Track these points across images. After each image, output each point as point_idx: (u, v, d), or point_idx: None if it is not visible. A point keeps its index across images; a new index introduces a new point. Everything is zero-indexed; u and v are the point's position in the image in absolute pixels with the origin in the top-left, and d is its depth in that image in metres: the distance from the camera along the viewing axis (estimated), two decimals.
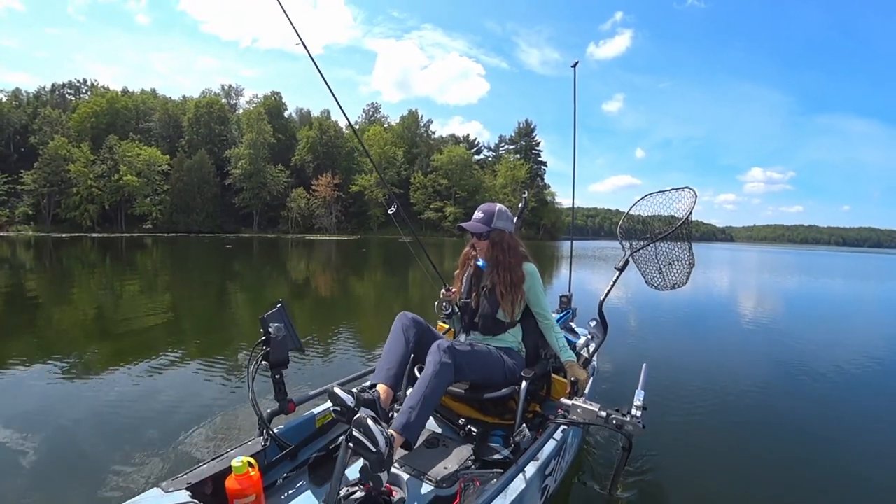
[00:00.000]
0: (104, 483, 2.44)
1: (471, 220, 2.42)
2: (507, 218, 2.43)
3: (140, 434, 3.02)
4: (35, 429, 3.07)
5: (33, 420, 3.20)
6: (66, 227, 48.00)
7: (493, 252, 2.39)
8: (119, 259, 19.17)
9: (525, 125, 74.78)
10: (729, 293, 13.78)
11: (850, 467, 3.09)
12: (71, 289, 10.40)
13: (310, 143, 62.46)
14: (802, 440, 3.50)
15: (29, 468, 2.61)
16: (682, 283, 2.80)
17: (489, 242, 2.38)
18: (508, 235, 2.42)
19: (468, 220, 2.40)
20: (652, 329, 7.39)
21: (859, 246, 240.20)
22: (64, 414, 3.33)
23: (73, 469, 2.59)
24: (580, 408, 2.02)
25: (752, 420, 3.79)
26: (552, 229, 67.98)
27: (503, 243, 2.38)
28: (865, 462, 3.17)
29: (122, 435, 2.99)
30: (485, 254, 2.44)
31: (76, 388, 3.90)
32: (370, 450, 1.55)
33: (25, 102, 56.36)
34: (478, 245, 2.44)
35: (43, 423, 3.17)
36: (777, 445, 3.34)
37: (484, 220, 2.38)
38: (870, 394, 4.73)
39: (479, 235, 2.39)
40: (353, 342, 5.77)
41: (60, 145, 48.47)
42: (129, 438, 2.94)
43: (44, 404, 3.51)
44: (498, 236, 2.38)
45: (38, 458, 2.70)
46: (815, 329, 8.71)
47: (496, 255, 2.38)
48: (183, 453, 2.78)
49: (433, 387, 1.86)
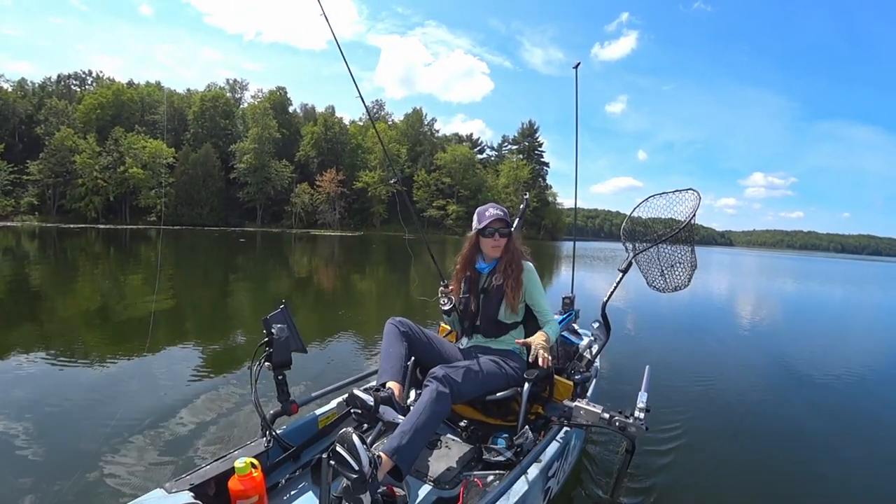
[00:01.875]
0: (106, 483, 2.44)
1: (489, 219, 2.40)
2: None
3: (142, 434, 3.01)
4: (34, 427, 3.07)
5: (33, 419, 3.20)
6: (71, 217, 48.18)
7: (509, 249, 2.44)
8: (132, 251, 19.24)
9: (528, 126, 74.94)
10: (731, 297, 13.78)
11: (851, 470, 3.10)
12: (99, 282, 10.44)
13: (314, 138, 62.56)
14: (805, 443, 3.50)
15: (28, 468, 2.60)
16: (684, 286, 2.79)
17: (510, 239, 2.44)
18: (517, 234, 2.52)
19: (470, 219, 2.44)
20: (655, 331, 7.38)
21: (858, 253, 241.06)
22: (63, 412, 3.33)
23: (73, 469, 2.58)
24: (583, 409, 2.02)
25: (753, 422, 3.79)
26: (553, 230, 68.31)
27: (516, 241, 2.47)
28: (866, 466, 3.17)
29: (122, 435, 2.98)
30: (499, 251, 2.44)
31: (76, 385, 3.90)
32: (353, 469, 1.47)
33: (31, 93, 56.42)
34: (496, 243, 2.42)
35: (42, 421, 3.17)
36: (779, 448, 3.35)
37: (504, 217, 2.44)
38: (869, 397, 4.74)
39: (505, 232, 2.43)
40: (354, 342, 5.77)
41: (66, 136, 48.62)
42: (131, 438, 2.94)
43: (41, 400, 3.51)
44: (513, 234, 2.46)
45: (37, 458, 2.70)
46: (816, 333, 8.72)
47: (512, 251, 2.43)
48: (186, 454, 2.78)
49: (429, 415, 1.79)
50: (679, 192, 2.76)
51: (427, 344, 2.33)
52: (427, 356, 2.32)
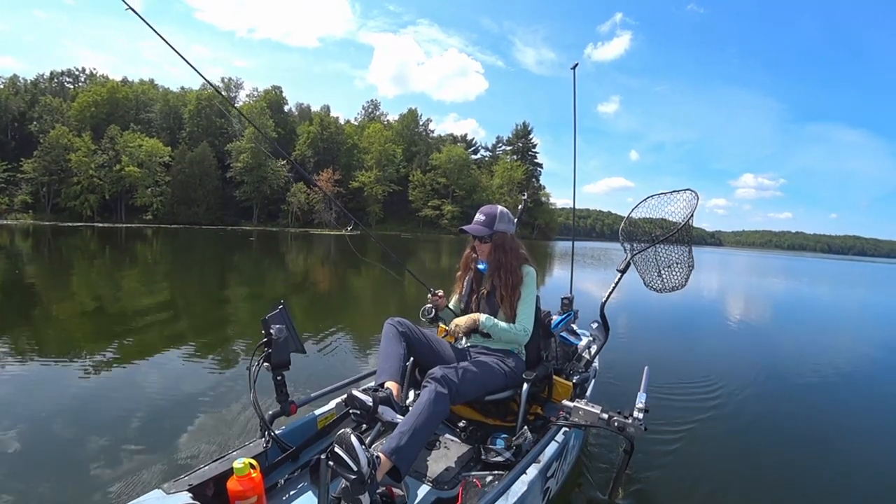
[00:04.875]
0: (104, 485, 2.42)
1: (472, 223, 2.40)
2: (508, 220, 2.43)
3: (141, 434, 2.99)
4: (32, 428, 3.04)
5: (31, 420, 3.17)
6: (66, 216, 47.90)
7: (495, 255, 2.38)
8: (134, 251, 19.11)
9: (522, 127, 75.34)
10: (728, 297, 13.84)
11: (849, 469, 3.11)
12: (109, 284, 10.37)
13: (310, 138, 62.49)
14: (803, 443, 3.51)
15: (28, 468, 2.58)
16: (681, 286, 2.79)
17: (491, 245, 2.38)
18: (510, 238, 2.41)
19: (466, 219, 2.41)
20: (654, 332, 7.38)
21: (844, 253, 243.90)
22: (61, 414, 3.29)
23: (72, 470, 2.56)
24: (582, 410, 2.02)
25: (752, 422, 3.80)
26: (546, 229, 68.54)
27: (505, 246, 2.38)
28: (865, 465, 3.19)
29: (121, 435, 2.96)
30: (486, 256, 2.43)
31: (74, 385, 3.85)
32: (351, 469, 1.48)
33: (23, 89, 55.90)
34: (479, 248, 2.43)
35: (41, 421, 3.14)
36: (777, 448, 3.35)
37: (486, 223, 2.37)
38: (869, 396, 4.78)
39: (481, 238, 2.38)
40: (355, 341, 5.76)
41: (61, 134, 48.31)
42: (130, 439, 2.92)
43: (40, 402, 3.47)
44: (500, 239, 2.38)
45: (34, 460, 2.67)
46: (815, 333, 8.75)
47: (498, 257, 2.37)
48: (185, 454, 2.76)
49: (428, 415, 1.78)
50: (677, 192, 2.76)
51: (426, 344, 2.33)
52: (426, 357, 2.32)
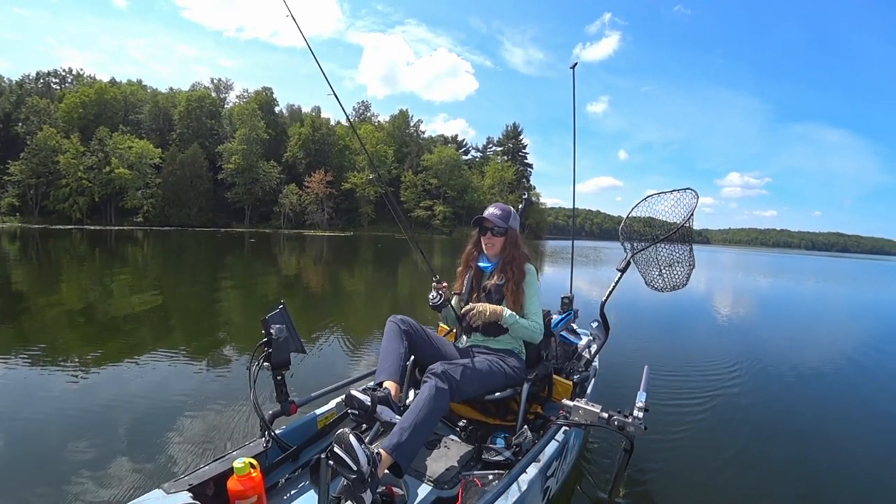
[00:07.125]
0: (104, 485, 2.40)
1: (487, 216, 2.47)
2: (517, 219, 2.53)
3: (141, 435, 2.97)
4: (31, 429, 3.02)
5: (29, 421, 3.14)
6: (54, 219, 47.23)
7: (508, 250, 2.44)
8: (119, 252, 18.91)
9: (513, 128, 76.16)
10: (727, 294, 13.95)
11: (849, 466, 3.13)
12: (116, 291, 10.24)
13: (302, 139, 62.25)
14: (803, 440, 3.53)
15: (26, 470, 2.55)
16: (682, 285, 2.80)
17: (505, 239, 2.45)
18: (519, 235, 2.52)
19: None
20: (654, 331, 7.40)
21: (827, 250, 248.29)
22: (60, 414, 3.26)
23: (70, 471, 2.53)
24: (582, 409, 2.02)
25: (754, 420, 3.81)
26: (536, 229, 68.97)
27: (516, 241, 2.47)
28: (864, 461, 3.21)
29: (121, 436, 2.93)
30: (497, 250, 2.47)
31: (74, 387, 3.81)
32: (351, 469, 1.48)
33: (8, 90, 54.88)
34: (490, 241, 2.47)
35: (39, 424, 3.10)
36: (778, 446, 3.37)
37: (502, 218, 2.45)
38: (869, 394, 4.81)
39: (498, 231, 2.44)
40: (356, 340, 5.73)
41: (49, 136, 47.66)
42: (130, 439, 2.89)
43: (37, 403, 3.44)
44: (513, 234, 2.47)
45: (33, 461, 2.64)
46: (814, 331, 8.84)
47: (511, 252, 2.43)
48: (185, 454, 2.74)
49: (428, 411, 1.79)
50: (677, 191, 2.77)
51: (428, 343, 2.33)
52: (428, 355, 2.31)
